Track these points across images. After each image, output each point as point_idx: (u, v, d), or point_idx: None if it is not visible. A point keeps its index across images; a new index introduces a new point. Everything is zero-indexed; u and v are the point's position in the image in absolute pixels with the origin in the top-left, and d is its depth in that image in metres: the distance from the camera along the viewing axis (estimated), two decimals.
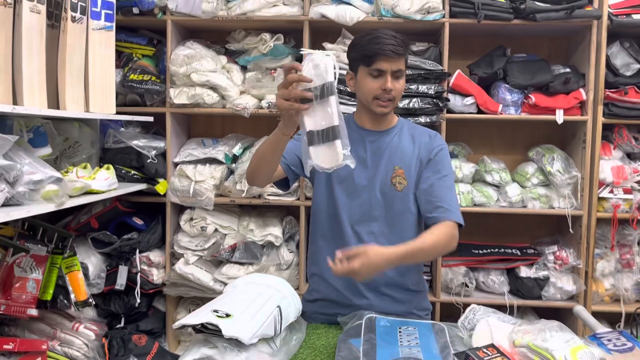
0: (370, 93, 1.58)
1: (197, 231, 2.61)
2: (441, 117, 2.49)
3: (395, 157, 1.65)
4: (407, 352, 1.32)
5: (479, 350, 1.22)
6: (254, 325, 1.20)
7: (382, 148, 1.66)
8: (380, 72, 1.55)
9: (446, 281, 2.60)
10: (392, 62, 1.53)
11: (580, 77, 2.54)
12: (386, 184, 1.64)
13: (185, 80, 2.55)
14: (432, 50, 2.55)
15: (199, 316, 1.18)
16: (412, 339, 1.40)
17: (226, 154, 2.64)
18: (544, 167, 2.58)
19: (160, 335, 2.71)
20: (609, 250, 2.60)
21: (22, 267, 2.07)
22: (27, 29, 1.83)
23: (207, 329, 1.18)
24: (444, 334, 1.43)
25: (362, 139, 1.68)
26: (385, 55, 1.52)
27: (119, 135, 2.58)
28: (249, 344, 1.15)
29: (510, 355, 1.21)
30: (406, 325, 1.49)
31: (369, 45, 1.54)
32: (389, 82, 1.54)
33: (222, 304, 1.27)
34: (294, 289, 1.46)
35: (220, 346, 1.13)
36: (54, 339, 2.33)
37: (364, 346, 1.33)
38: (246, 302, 1.31)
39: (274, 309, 1.33)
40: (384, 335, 1.41)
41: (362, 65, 1.57)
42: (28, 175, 1.66)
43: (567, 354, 1.17)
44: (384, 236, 1.65)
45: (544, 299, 2.56)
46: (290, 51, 2.63)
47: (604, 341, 1.34)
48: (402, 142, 1.68)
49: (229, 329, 1.13)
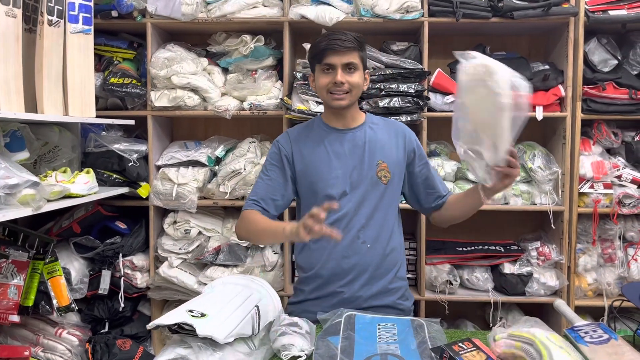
0: (323, 88, 1.65)
1: (180, 234, 2.60)
2: (422, 116, 2.50)
3: (376, 152, 1.70)
4: (385, 349, 1.32)
5: (455, 345, 1.23)
6: (230, 324, 1.20)
7: (360, 144, 1.70)
8: (330, 66, 1.62)
9: (430, 279, 2.61)
10: (341, 55, 1.60)
11: (559, 73, 2.57)
12: (372, 178, 1.68)
13: (166, 82, 2.55)
14: (412, 49, 2.56)
15: (173, 316, 1.17)
16: (391, 335, 1.41)
17: (209, 157, 2.63)
18: (525, 163, 2.59)
19: (146, 340, 2.69)
20: (590, 245, 2.62)
21: (3, 273, 2.05)
22: (2, 33, 1.82)
23: (183, 329, 1.17)
24: (423, 330, 1.44)
25: (337, 137, 1.71)
26: (334, 49, 1.59)
27: (100, 139, 2.56)
28: (224, 344, 1.14)
29: (485, 348, 1.22)
30: (385, 322, 1.50)
31: (320, 43, 1.63)
32: (338, 75, 1.60)
33: (198, 304, 1.27)
34: (279, 290, 1.47)
35: (194, 346, 1.12)
36: (36, 345, 2.31)
37: (342, 343, 1.34)
38: (222, 302, 1.31)
39: (251, 308, 1.33)
40: (363, 332, 1.42)
41: (317, 63, 1.65)
42: (3, 180, 1.65)
43: (548, 335, 1.18)
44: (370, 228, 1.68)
45: (527, 294, 2.58)
46: (271, 52, 2.63)
47: (581, 334, 1.35)
48: (379, 136, 1.73)
49: (203, 328, 1.13)
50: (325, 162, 1.68)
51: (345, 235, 1.66)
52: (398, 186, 1.74)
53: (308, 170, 1.69)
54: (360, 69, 1.65)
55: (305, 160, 1.70)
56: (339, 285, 1.67)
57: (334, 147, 1.69)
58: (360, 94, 1.69)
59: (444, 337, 1.41)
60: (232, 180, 2.55)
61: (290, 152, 1.72)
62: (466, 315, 2.85)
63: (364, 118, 1.76)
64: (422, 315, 2.59)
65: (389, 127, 1.77)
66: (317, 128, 1.75)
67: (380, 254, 1.69)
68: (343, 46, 1.59)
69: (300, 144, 1.72)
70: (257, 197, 1.69)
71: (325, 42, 1.60)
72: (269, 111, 2.58)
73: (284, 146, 1.73)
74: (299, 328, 1.36)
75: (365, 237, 1.68)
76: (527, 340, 1.19)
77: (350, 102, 1.66)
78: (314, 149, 1.70)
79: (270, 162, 1.74)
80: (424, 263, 2.58)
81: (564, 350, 1.15)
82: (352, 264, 1.67)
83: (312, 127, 1.77)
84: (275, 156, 1.73)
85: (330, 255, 1.68)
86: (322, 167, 1.68)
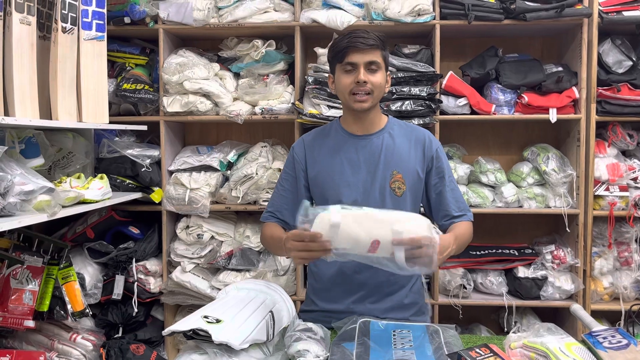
0: (345, 89, 1.58)
1: (193, 239, 2.61)
2: (434, 119, 2.49)
3: (391, 162, 1.63)
4: (401, 355, 1.31)
5: (472, 351, 1.22)
6: (245, 330, 1.20)
7: (375, 152, 1.64)
8: (352, 65, 1.56)
9: (444, 283, 2.59)
10: (363, 54, 1.55)
11: (573, 75, 2.55)
12: (385, 189, 1.62)
13: (178, 88, 2.56)
14: (423, 52, 2.55)
15: (188, 322, 1.17)
16: (406, 341, 1.40)
17: (221, 161, 2.64)
18: (539, 166, 2.57)
19: (159, 345, 2.70)
20: (606, 248, 2.59)
21: (18, 279, 2.07)
22: (17, 41, 1.83)
23: (198, 335, 1.17)
24: (439, 336, 1.43)
25: (353, 144, 1.66)
26: (356, 47, 1.54)
27: (113, 144, 2.58)
28: (240, 350, 1.14)
29: (503, 354, 1.21)
30: (400, 328, 1.49)
31: (341, 42, 1.57)
32: (361, 74, 1.55)
33: (212, 309, 1.27)
34: (292, 294, 1.47)
35: (210, 352, 1.12)
36: (51, 350, 2.32)
37: (357, 349, 1.33)
38: (237, 307, 1.31)
39: (266, 314, 1.33)
40: (378, 338, 1.41)
41: (338, 63, 1.60)
42: (19, 186, 1.66)
43: (562, 346, 1.17)
44: None
45: (542, 298, 2.55)
46: (282, 57, 2.63)
47: (600, 339, 1.33)
48: (397, 144, 1.65)
49: (219, 334, 1.12)
50: (338, 170, 1.63)
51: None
52: (416, 198, 1.67)
53: (320, 177, 1.66)
54: (383, 69, 1.59)
55: (317, 166, 1.67)
56: (350, 302, 1.64)
57: (349, 155, 1.64)
58: (381, 96, 1.63)
59: (460, 342, 1.39)
60: (244, 185, 2.55)
61: (304, 158, 1.69)
62: (480, 320, 2.82)
63: (385, 123, 1.69)
64: (436, 320, 2.57)
65: (410, 133, 1.69)
66: (334, 133, 1.70)
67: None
68: (366, 44, 1.53)
69: (314, 151, 1.69)
70: (272, 209, 1.69)
71: (347, 40, 1.55)
72: (280, 115, 2.58)
73: (298, 153, 1.71)
74: (313, 334, 1.36)
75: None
76: (541, 353, 1.17)
77: (372, 104, 1.60)
78: (328, 155, 1.66)
79: (285, 171, 1.72)
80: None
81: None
82: (363, 280, 1.62)
83: (328, 133, 1.72)
84: (289, 164, 1.72)
85: (341, 269, 1.63)
86: (333, 174, 1.64)
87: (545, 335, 1.26)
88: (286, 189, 1.70)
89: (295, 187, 1.69)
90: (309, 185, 1.69)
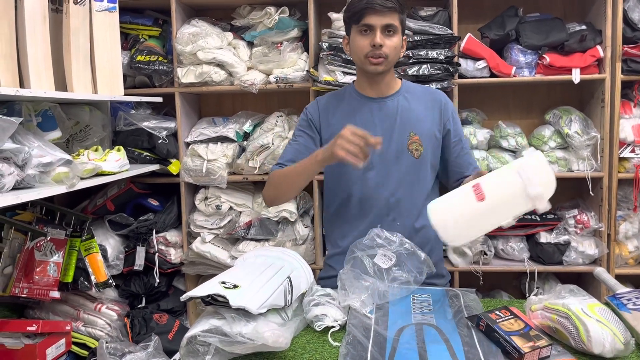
0: (361, 51, 1.56)
1: (212, 210, 2.62)
2: (453, 83, 2.43)
3: (408, 123, 1.62)
4: (420, 319, 1.30)
5: (492, 313, 1.21)
6: (263, 295, 1.19)
7: (391, 114, 1.63)
8: (369, 27, 1.53)
9: (464, 250, 2.56)
10: (381, 16, 1.51)
11: (597, 33, 2.45)
12: (403, 151, 1.61)
13: (192, 58, 2.54)
14: (440, 14, 2.48)
15: (206, 288, 1.17)
16: (426, 305, 1.39)
17: (237, 132, 2.63)
18: (561, 129, 2.50)
19: (182, 314, 2.74)
20: (631, 211, 2.53)
21: (42, 251, 2.10)
22: (29, 14, 1.82)
23: (217, 301, 1.18)
24: (459, 299, 1.42)
25: (368, 107, 1.65)
26: (374, 8, 1.50)
27: (129, 117, 2.58)
28: (258, 314, 1.14)
29: (523, 316, 1.19)
30: (420, 292, 1.48)
31: (359, 2, 1.53)
32: (377, 37, 1.52)
33: (230, 276, 1.27)
34: (311, 263, 1.46)
35: (228, 317, 1.12)
36: (77, 320, 2.38)
37: (376, 313, 1.33)
38: (255, 273, 1.31)
39: (284, 279, 1.32)
40: (397, 302, 1.40)
41: (353, 24, 1.57)
42: (37, 158, 1.67)
43: (585, 307, 1.14)
44: (400, 205, 1.63)
45: (565, 264, 2.51)
46: (296, 24, 2.59)
47: (624, 301, 1.31)
48: (412, 107, 1.64)
49: (236, 299, 1.12)
50: None
51: (371, 210, 1.63)
52: (434, 159, 1.66)
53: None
54: (399, 32, 1.56)
55: (331, 129, 1.65)
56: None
57: (363, 117, 1.63)
58: (397, 60, 1.60)
59: (480, 306, 1.38)
60: (260, 155, 2.54)
61: (318, 119, 1.68)
62: (501, 286, 2.80)
63: (400, 85, 1.68)
64: (457, 286, 2.56)
65: (426, 96, 1.68)
66: (348, 96, 1.69)
67: (410, 230, 1.62)
68: (384, 6, 1.50)
69: (328, 113, 1.68)
70: (283, 160, 1.66)
71: (364, 0, 1.52)
72: (295, 84, 2.55)
73: (312, 114, 1.70)
74: (331, 298, 1.35)
75: (393, 212, 1.63)
76: (563, 314, 1.15)
77: (386, 68, 1.59)
78: (342, 118, 1.65)
79: (298, 129, 1.71)
80: None
81: (601, 324, 1.10)
82: None
83: (343, 96, 1.71)
84: (303, 123, 1.70)
85: (357, 231, 1.63)
86: None
87: (567, 296, 1.23)
88: (300, 143, 1.67)
89: (309, 142, 1.67)
90: (322, 145, 1.67)
